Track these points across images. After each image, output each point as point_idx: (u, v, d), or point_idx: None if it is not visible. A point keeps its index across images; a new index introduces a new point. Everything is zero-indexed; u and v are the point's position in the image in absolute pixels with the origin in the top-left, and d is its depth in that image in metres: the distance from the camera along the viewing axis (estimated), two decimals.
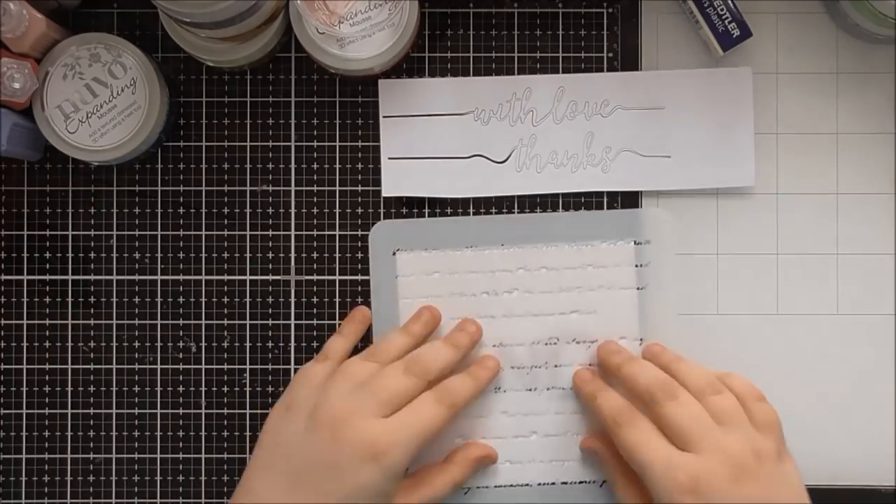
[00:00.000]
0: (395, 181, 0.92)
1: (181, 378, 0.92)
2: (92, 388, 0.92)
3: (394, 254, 0.91)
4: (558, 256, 0.91)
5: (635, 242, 0.91)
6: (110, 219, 0.92)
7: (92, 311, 0.92)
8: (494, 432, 0.91)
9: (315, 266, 0.92)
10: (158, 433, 0.92)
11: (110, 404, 0.92)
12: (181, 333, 0.92)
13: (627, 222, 0.91)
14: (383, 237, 0.91)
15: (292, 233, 0.92)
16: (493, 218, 0.92)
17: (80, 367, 0.92)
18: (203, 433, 0.92)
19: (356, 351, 0.90)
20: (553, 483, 0.91)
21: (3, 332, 0.92)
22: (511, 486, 0.91)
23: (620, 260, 0.91)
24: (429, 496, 0.85)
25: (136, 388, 0.92)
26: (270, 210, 0.92)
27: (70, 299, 0.92)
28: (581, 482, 0.91)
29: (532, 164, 0.91)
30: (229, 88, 0.92)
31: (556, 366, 0.91)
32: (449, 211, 0.92)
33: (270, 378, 0.92)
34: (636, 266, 0.91)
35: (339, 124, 0.92)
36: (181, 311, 0.92)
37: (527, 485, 0.91)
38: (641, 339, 0.91)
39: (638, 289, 0.91)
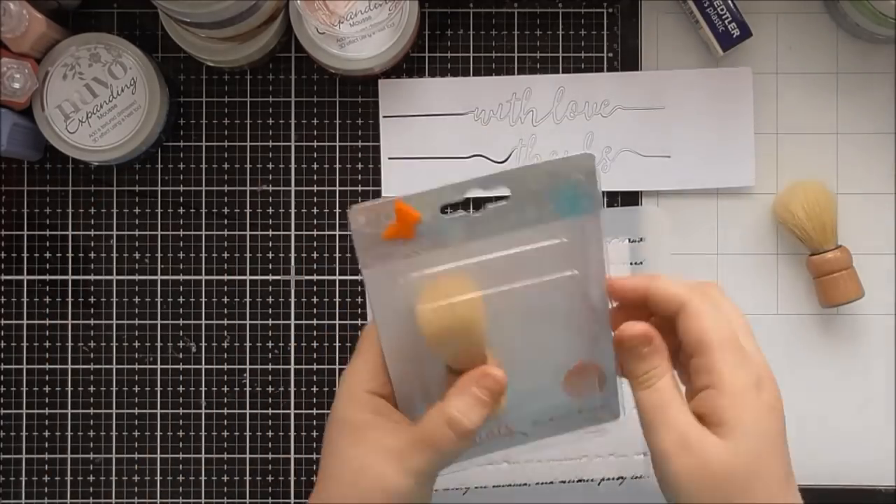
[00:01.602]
0: (395, 181, 0.92)
1: (181, 378, 0.92)
2: (92, 388, 0.92)
3: None
4: None
5: (630, 240, 0.91)
6: (110, 219, 0.92)
7: (92, 311, 0.92)
8: None
9: (315, 266, 0.92)
10: (158, 433, 0.92)
11: (110, 404, 0.92)
12: (181, 333, 0.92)
13: (621, 220, 0.91)
14: None
15: (292, 233, 0.92)
16: None
17: (80, 367, 0.92)
18: (203, 433, 0.92)
19: None
20: (551, 482, 0.91)
21: (3, 332, 0.92)
22: (509, 485, 0.91)
23: (615, 258, 0.91)
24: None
25: (136, 388, 0.92)
26: (270, 210, 0.92)
27: (70, 299, 0.92)
28: (579, 481, 0.91)
29: None
30: (229, 88, 0.92)
31: None
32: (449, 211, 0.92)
33: (270, 378, 0.92)
34: (631, 264, 0.91)
35: (339, 124, 0.92)
36: (181, 311, 0.92)
37: (525, 484, 0.91)
38: None
39: None
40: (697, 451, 0.68)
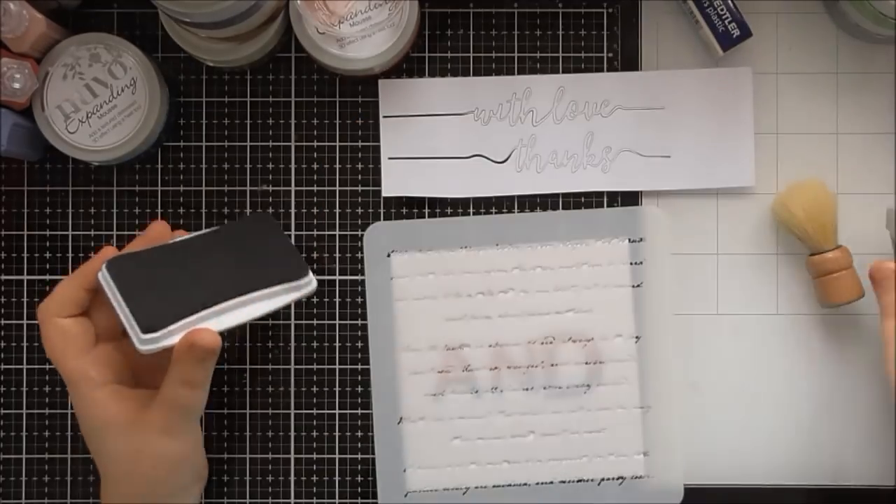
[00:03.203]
0: (395, 181, 0.92)
1: None
2: None
3: (388, 255, 0.91)
4: (553, 255, 0.91)
5: (630, 240, 0.91)
6: (110, 219, 0.92)
7: None
8: (492, 432, 0.91)
9: (315, 266, 0.92)
10: None
11: None
12: None
13: (621, 220, 0.91)
14: (378, 239, 0.91)
15: (292, 233, 0.92)
16: (487, 218, 0.92)
17: None
18: (203, 433, 0.91)
19: None
20: (551, 482, 0.91)
21: (3, 332, 0.92)
22: (509, 485, 0.91)
23: (615, 258, 0.91)
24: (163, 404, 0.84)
25: None
26: (270, 210, 0.92)
27: None
28: (579, 481, 0.91)
29: (532, 164, 0.92)
30: (229, 88, 0.92)
31: (552, 365, 0.91)
32: (449, 211, 0.92)
33: (270, 378, 0.92)
34: (631, 264, 0.91)
35: (339, 124, 0.92)
36: None
37: (525, 484, 0.91)
38: (637, 337, 0.91)
39: (633, 286, 0.91)
40: None
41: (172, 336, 0.81)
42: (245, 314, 0.84)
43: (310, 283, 0.87)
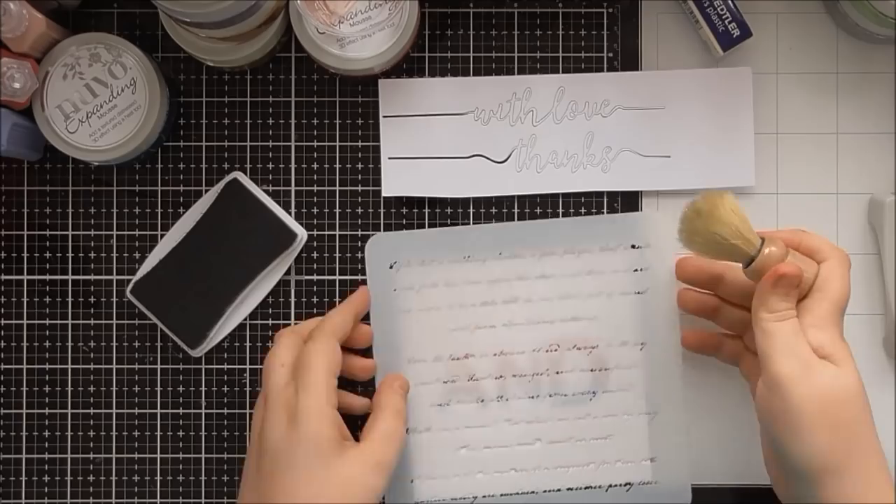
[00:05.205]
0: (395, 181, 0.92)
1: (181, 378, 0.92)
2: (92, 388, 0.92)
3: (391, 267, 0.91)
4: (556, 264, 0.91)
5: (633, 246, 0.91)
6: (110, 219, 0.92)
7: (92, 311, 0.92)
8: (498, 441, 0.91)
9: (315, 266, 0.92)
10: (158, 433, 0.92)
11: (110, 404, 0.92)
12: None
13: (624, 227, 0.91)
14: (380, 250, 0.91)
15: None
16: (489, 227, 0.91)
17: (80, 367, 0.92)
18: (203, 433, 0.91)
19: None
20: (559, 490, 0.91)
21: (3, 332, 0.92)
22: (517, 493, 0.91)
23: (619, 265, 0.91)
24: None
25: (136, 388, 0.91)
26: None
27: (70, 299, 0.92)
28: (587, 487, 0.91)
29: (532, 164, 0.92)
30: (229, 88, 0.92)
31: (557, 372, 0.91)
32: (449, 211, 0.92)
33: None
34: (634, 270, 0.91)
35: (339, 124, 0.92)
36: None
37: (532, 492, 0.91)
38: (643, 344, 0.91)
39: (637, 293, 0.91)
40: (818, 376, 0.77)
41: (212, 341, 0.92)
42: (257, 296, 0.92)
43: (301, 240, 0.91)
